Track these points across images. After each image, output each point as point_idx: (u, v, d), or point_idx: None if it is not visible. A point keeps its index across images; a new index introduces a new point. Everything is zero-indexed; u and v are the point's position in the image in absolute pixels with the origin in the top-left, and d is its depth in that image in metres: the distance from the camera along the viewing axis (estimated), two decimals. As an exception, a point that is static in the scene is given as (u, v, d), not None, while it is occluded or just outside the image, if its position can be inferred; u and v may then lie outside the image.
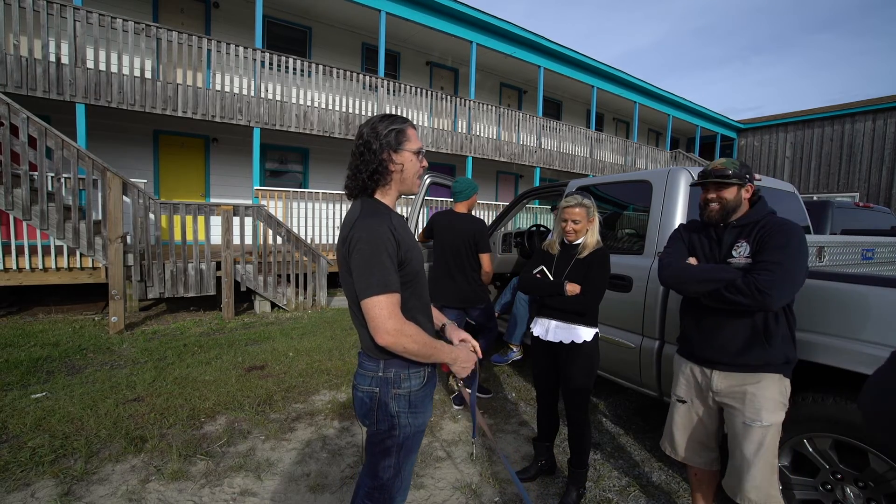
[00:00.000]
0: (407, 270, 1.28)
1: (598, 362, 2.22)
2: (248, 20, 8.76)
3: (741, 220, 1.76)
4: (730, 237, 1.76)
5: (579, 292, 2.12)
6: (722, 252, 1.76)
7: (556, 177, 13.64)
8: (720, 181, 1.74)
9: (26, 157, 4.66)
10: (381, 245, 1.20)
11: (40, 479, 2.22)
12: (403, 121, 1.35)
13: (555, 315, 2.21)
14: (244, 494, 2.19)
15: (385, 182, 1.33)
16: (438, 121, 9.98)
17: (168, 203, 5.34)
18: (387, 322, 1.18)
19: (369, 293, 1.18)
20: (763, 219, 1.74)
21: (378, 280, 1.18)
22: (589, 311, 2.16)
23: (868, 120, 15.46)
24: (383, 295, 1.18)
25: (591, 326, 2.18)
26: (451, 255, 3.23)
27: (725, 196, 1.75)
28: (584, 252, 2.17)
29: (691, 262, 1.78)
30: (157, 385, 3.39)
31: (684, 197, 2.60)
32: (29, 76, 5.88)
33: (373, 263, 1.19)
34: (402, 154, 1.32)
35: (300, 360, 4.07)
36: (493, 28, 10.54)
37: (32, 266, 4.92)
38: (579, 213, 2.16)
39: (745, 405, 1.67)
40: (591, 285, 2.12)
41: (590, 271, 2.13)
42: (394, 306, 1.20)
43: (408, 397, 1.31)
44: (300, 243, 6.16)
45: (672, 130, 18.13)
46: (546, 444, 2.43)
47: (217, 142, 8.87)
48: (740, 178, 1.73)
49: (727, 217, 1.76)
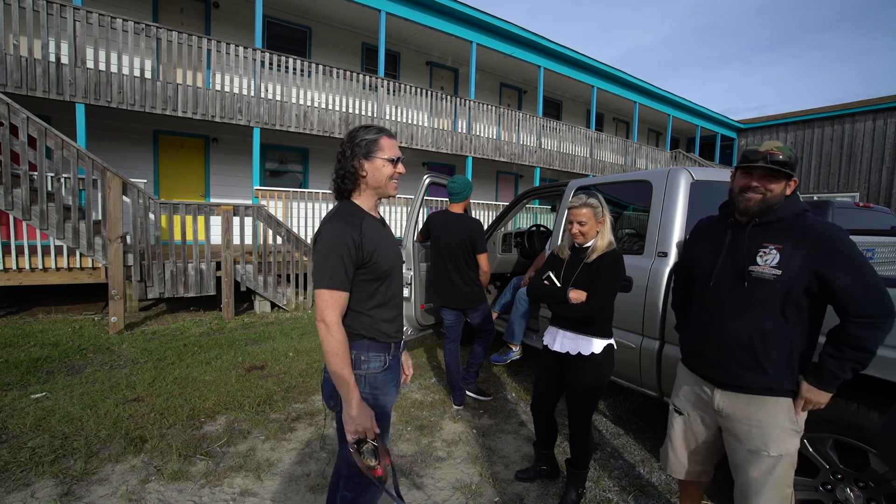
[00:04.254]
0: (372, 269, 1.41)
1: (607, 375, 2.08)
2: (248, 20, 8.76)
3: (766, 218, 1.48)
4: (753, 239, 1.49)
5: (585, 299, 2.00)
6: (741, 257, 1.49)
7: (556, 177, 13.64)
8: (773, 168, 1.43)
9: (26, 157, 4.66)
10: (336, 246, 1.34)
11: (40, 479, 2.22)
12: (379, 131, 1.47)
13: (563, 324, 2.10)
14: (244, 494, 2.19)
15: (355, 186, 1.46)
16: (438, 121, 9.98)
17: (168, 203, 5.34)
18: (324, 312, 1.33)
19: (319, 285, 1.35)
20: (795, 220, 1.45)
21: (328, 276, 1.33)
22: (595, 319, 2.02)
23: (868, 120, 15.46)
24: (328, 290, 1.34)
25: (602, 337, 2.04)
26: (447, 255, 3.22)
27: (772, 188, 1.45)
28: (592, 256, 2.03)
29: None
30: (156, 385, 3.39)
31: (684, 197, 2.60)
32: (29, 76, 5.88)
33: (326, 261, 1.34)
34: (374, 161, 1.44)
35: (300, 360, 4.07)
36: (493, 28, 10.54)
37: (32, 266, 4.91)
38: (585, 213, 2.03)
39: (750, 431, 1.48)
40: (598, 292, 1.98)
41: (597, 276, 2.00)
42: (335, 302, 1.34)
43: (367, 378, 1.44)
44: (300, 243, 6.16)
45: (672, 130, 18.13)
46: (545, 451, 2.37)
47: (217, 142, 8.86)
48: (792, 168, 1.44)
49: (764, 213, 1.48)
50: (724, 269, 1.54)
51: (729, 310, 1.51)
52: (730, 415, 1.52)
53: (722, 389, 1.54)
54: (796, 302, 1.41)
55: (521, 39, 11.15)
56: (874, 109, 15.31)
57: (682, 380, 1.73)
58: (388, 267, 1.45)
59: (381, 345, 1.47)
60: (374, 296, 1.44)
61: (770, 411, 1.45)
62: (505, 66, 12.35)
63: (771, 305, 1.43)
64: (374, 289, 1.43)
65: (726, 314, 1.51)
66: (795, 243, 1.41)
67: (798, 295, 1.40)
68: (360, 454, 1.34)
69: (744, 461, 1.50)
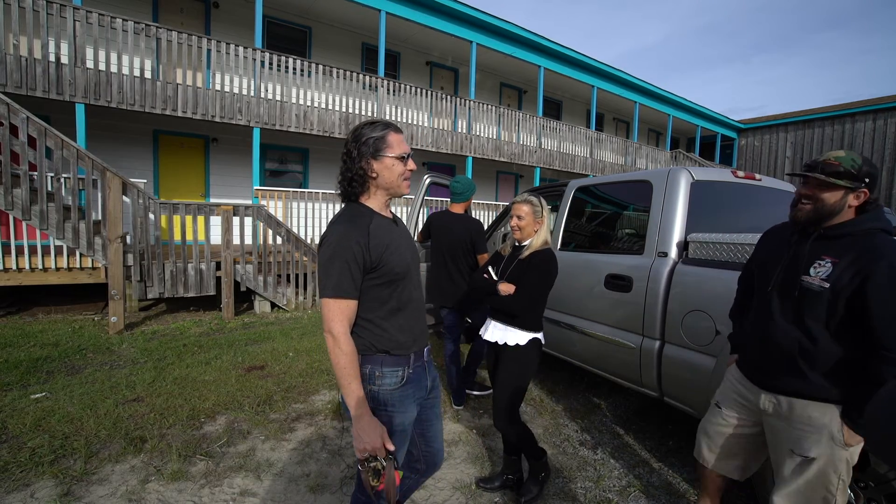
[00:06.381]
0: (383, 271, 1.31)
1: (530, 370, 2.12)
2: (248, 20, 8.76)
3: (831, 230, 1.42)
4: (812, 249, 1.45)
5: (513, 292, 2.09)
6: (799, 266, 1.46)
7: (556, 177, 13.64)
8: (823, 179, 1.38)
9: (26, 157, 4.66)
10: (342, 250, 1.25)
11: (40, 479, 2.21)
12: (385, 126, 1.37)
13: (496, 316, 2.21)
14: (244, 494, 2.19)
15: (364, 189, 1.37)
16: (438, 121, 9.98)
17: (168, 203, 5.34)
18: (331, 323, 1.26)
19: (323, 294, 1.27)
20: (862, 234, 1.38)
21: (332, 283, 1.25)
22: (521, 313, 2.08)
23: (868, 120, 15.46)
24: (333, 299, 1.26)
25: (527, 330, 2.10)
26: (448, 256, 3.22)
27: (823, 197, 1.40)
28: (526, 253, 2.13)
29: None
30: (156, 385, 3.39)
31: (684, 197, 2.60)
32: (29, 76, 5.88)
33: (330, 267, 1.26)
34: (383, 161, 1.35)
35: (300, 360, 4.07)
36: (493, 28, 10.54)
37: (32, 266, 4.91)
38: (524, 209, 2.14)
39: (789, 432, 1.46)
40: (525, 286, 2.07)
41: (527, 272, 2.09)
42: (342, 311, 1.26)
43: (381, 395, 1.34)
44: (300, 243, 6.16)
45: (672, 130, 18.13)
46: (514, 456, 2.29)
47: (217, 142, 8.86)
48: (853, 179, 1.37)
49: (819, 223, 1.43)
50: (781, 275, 1.52)
51: (778, 316, 1.51)
52: (772, 415, 1.53)
53: (766, 391, 1.54)
54: (842, 316, 1.37)
55: (521, 39, 11.15)
56: (874, 109, 15.31)
57: (730, 377, 1.73)
58: (402, 269, 1.35)
59: (397, 358, 1.36)
60: (387, 302, 1.33)
61: (811, 415, 1.43)
62: (505, 66, 12.35)
63: (817, 316, 1.40)
64: (387, 294, 1.33)
65: (776, 320, 1.51)
66: (852, 260, 1.35)
67: (844, 310, 1.36)
68: (367, 471, 1.25)
69: (779, 460, 1.51)
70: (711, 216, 2.65)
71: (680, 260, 2.52)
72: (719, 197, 2.82)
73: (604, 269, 2.88)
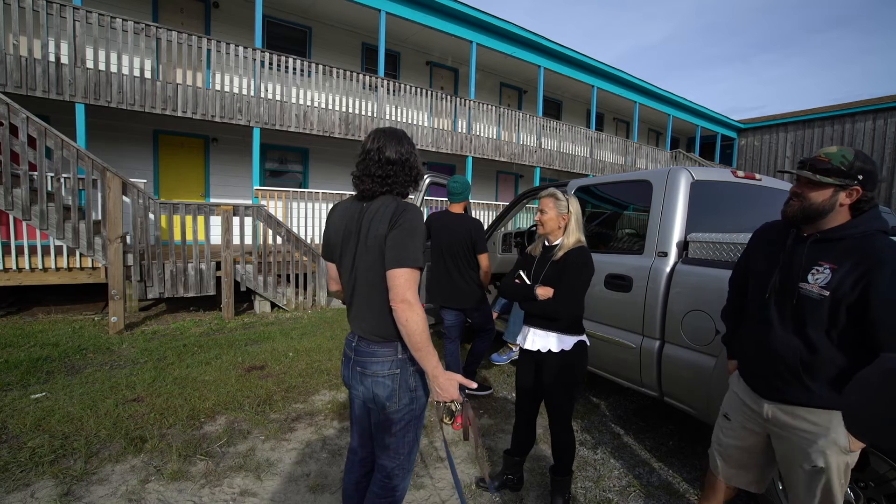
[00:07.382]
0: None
1: (581, 374, 2.08)
2: (248, 20, 8.76)
3: (828, 233, 1.36)
4: (811, 254, 1.38)
5: (551, 296, 2.01)
6: (795, 271, 1.40)
7: (557, 177, 13.63)
8: (809, 177, 1.35)
9: (26, 157, 4.66)
10: (420, 229, 1.41)
11: (40, 479, 2.22)
12: None
13: (533, 322, 2.12)
14: (244, 495, 2.19)
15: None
16: (438, 121, 9.98)
17: (168, 203, 5.34)
18: (407, 292, 1.33)
19: (404, 264, 1.34)
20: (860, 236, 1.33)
21: (413, 256, 1.36)
22: (562, 316, 2.01)
23: (868, 120, 15.47)
24: (413, 269, 1.35)
25: (572, 334, 2.04)
26: (448, 255, 3.22)
27: (810, 196, 1.36)
28: (559, 253, 2.05)
29: None
30: (156, 385, 3.39)
31: (684, 197, 2.60)
32: (29, 76, 5.88)
33: (414, 241, 1.37)
34: None
35: (300, 360, 4.07)
36: (493, 28, 10.54)
37: (32, 266, 4.91)
38: (547, 203, 2.08)
39: (792, 441, 1.44)
40: (563, 288, 2.00)
41: (564, 273, 2.02)
42: (417, 282, 1.37)
43: (421, 372, 1.51)
44: (300, 243, 6.16)
45: (672, 130, 18.13)
46: (517, 458, 2.28)
47: (217, 142, 8.86)
48: (842, 176, 1.31)
49: (807, 222, 1.39)
50: (779, 281, 1.47)
51: (777, 324, 1.46)
52: (776, 424, 1.49)
53: (768, 401, 1.51)
54: (843, 325, 1.33)
55: (521, 39, 11.15)
56: (874, 109, 15.31)
57: (734, 387, 1.69)
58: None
59: None
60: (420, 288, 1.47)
61: (816, 423, 1.40)
62: (505, 65, 12.34)
63: (817, 325, 1.36)
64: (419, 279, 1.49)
65: (774, 328, 1.47)
66: (852, 266, 1.30)
67: (844, 318, 1.32)
68: (444, 412, 1.42)
69: (788, 470, 1.49)
70: (711, 216, 2.65)
71: (680, 260, 2.52)
72: (719, 197, 2.82)
73: (604, 268, 2.87)
